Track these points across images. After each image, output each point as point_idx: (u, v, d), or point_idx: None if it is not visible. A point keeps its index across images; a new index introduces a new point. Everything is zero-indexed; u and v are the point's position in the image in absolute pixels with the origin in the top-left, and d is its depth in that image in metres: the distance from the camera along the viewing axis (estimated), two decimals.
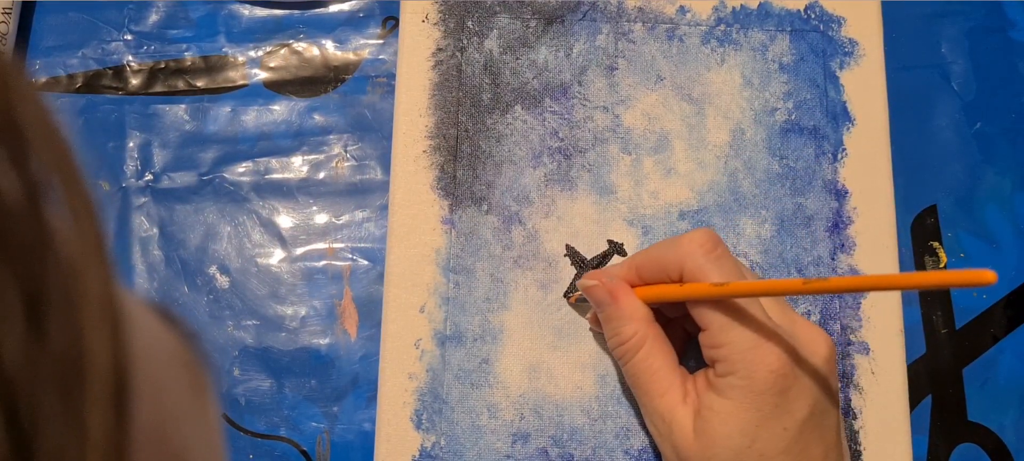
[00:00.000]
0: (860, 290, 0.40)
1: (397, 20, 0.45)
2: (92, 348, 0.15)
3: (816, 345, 0.34)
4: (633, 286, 0.37)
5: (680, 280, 0.35)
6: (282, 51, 0.45)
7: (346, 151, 0.44)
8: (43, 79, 0.45)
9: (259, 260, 0.43)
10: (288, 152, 0.44)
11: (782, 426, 0.33)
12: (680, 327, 0.39)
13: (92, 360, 0.15)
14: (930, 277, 0.33)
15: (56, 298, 0.14)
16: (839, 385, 0.35)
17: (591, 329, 0.40)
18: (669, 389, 0.35)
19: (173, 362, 0.20)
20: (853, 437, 0.40)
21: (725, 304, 0.33)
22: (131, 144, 0.44)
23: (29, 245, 0.14)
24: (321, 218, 0.43)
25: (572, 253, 0.41)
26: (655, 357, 0.35)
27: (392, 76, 0.44)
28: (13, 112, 0.15)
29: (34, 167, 0.15)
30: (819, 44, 0.44)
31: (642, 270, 0.36)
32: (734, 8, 0.44)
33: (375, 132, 0.44)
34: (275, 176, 0.44)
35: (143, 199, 0.43)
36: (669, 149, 0.42)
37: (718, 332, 0.33)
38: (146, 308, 0.20)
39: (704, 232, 0.35)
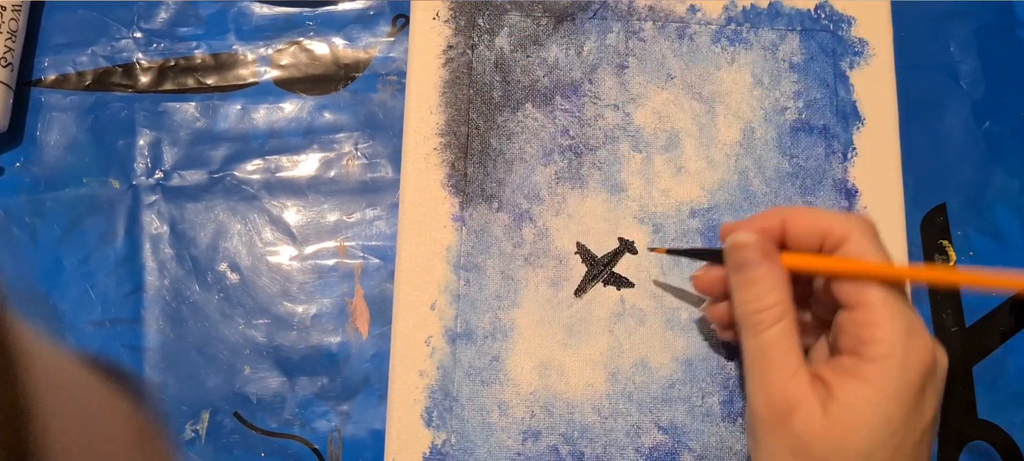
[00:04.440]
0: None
1: (407, 18, 0.45)
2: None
3: (944, 355, 0.33)
4: (775, 240, 0.35)
5: (829, 249, 0.34)
6: (292, 49, 0.45)
7: (356, 149, 0.44)
8: (52, 76, 0.45)
9: (270, 258, 0.43)
10: (298, 150, 0.44)
11: (915, 425, 0.31)
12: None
13: None
14: None
15: None
16: None
17: (703, 310, 0.39)
18: (799, 370, 0.32)
19: (130, 442, 0.18)
20: None
21: (884, 287, 0.32)
22: (141, 142, 0.44)
23: None
24: (332, 216, 0.43)
25: (583, 251, 0.41)
26: (789, 337, 0.33)
27: (402, 74, 0.44)
28: None
29: None
30: (829, 43, 0.44)
31: (791, 225, 0.34)
32: (744, 7, 0.44)
33: (386, 130, 0.44)
34: (285, 174, 0.44)
35: (153, 197, 0.43)
36: (679, 147, 0.42)
37: (878, 309, 0.32)
38: (99, 381, 0.17)
39: (869, 218, 0.34)
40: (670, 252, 0.40)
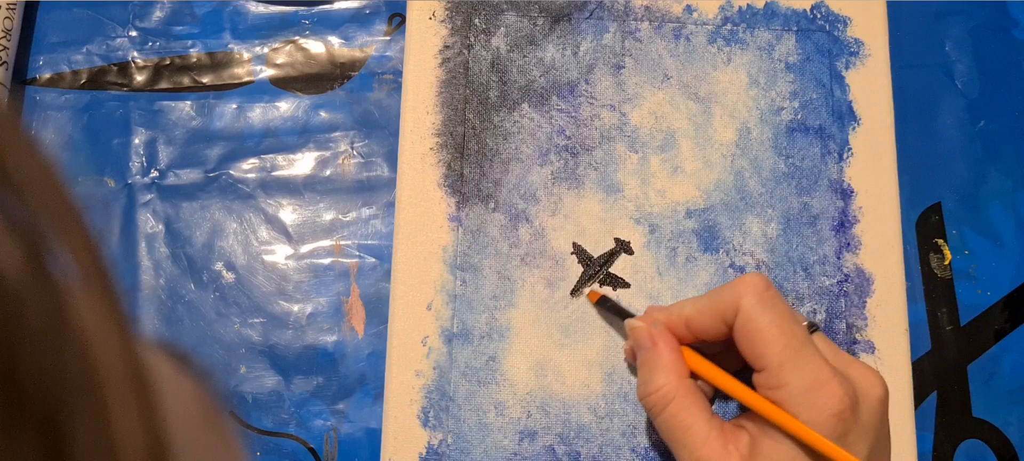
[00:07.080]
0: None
1: (403, 17, 0.45)
2: (124, 442, 0.13)
3: (872, 386, 0.33)
4: (682, 339, 0.36)
5: (733, 323, 0.34)
6: (288, 48, 0.45)
7: (352, 148, 0.44)
8: (47, 75, 0.45)
9: (265, 257, 0.43)
10: (294, 149, 0.44)
11: None
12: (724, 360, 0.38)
13: (126, 453, 0.13)
14: None
15: (77, 396, 0.12)
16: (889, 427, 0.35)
17: (626, 361, 0.40)
18: (707, 441, 0.34)
19: (198, 420, 0.18)
20: None
21: (784, 344, 0.33)
22: (136, 141, 0.44)
23: (40, 327, 0.12)
24: (328, 215, 0.43)
25: (579, 251, 0.41)
26: (686, 412, 0.34)
27: (398, 73, 0.44)
28: (3, 162, 0.13)
29: (30, 222, 0.12)
30: (825, 44, 0.44)
31: (692, 322, 0.36)
32: (740, 7, 0.44)
33: (382, 129, 0.44)
34: (281, 173, 0.44)
35: (149, 196, 0.43)
36: (676, 148, 0.42)
37: (777, 372, 0.33)
38: (164, 359, 0.18)
39: (758, 275, 0.35)
40: (597, 305, 0.40)
